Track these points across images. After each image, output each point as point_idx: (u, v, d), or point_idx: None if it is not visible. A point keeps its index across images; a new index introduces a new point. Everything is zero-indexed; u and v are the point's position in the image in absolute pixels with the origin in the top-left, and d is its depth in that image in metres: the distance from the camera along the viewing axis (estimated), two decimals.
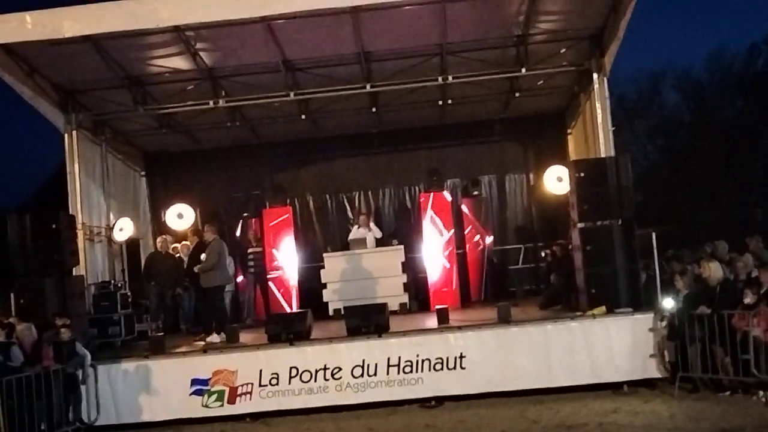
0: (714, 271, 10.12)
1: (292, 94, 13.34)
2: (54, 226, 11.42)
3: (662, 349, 10.29)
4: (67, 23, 10.86)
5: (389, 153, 16.89)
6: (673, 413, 9.16)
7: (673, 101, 37.19)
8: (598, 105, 12.91)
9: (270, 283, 14.91)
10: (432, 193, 15.01)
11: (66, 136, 13.25)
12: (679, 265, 11.54)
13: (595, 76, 12.88)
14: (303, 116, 14.70)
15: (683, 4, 66.97)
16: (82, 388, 10.27)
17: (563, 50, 13.06)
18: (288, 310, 14.24)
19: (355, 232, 15.07)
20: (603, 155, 12.57)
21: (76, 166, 13.20)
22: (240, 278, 15.28)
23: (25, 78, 12.19)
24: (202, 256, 12.07)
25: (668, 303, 10.46)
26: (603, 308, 10.74)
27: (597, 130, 12.96)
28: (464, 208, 15.66)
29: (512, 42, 12.95)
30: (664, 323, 10.30)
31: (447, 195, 15.18)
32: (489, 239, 15.52)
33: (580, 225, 11.34)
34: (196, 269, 12.15)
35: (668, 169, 34.42)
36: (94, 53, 12.00)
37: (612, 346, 10.45)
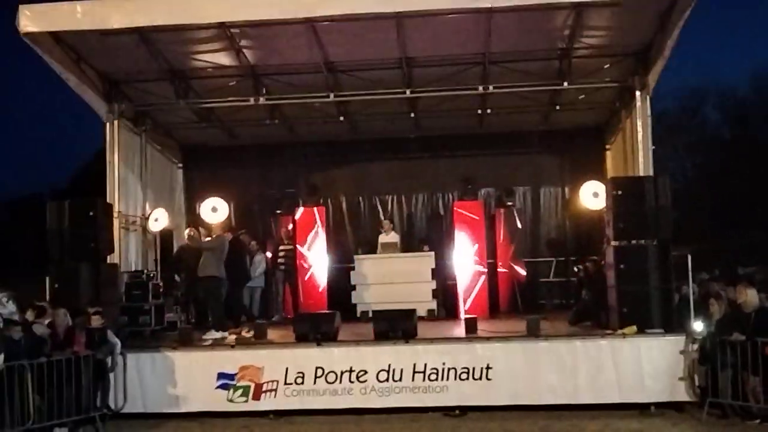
0: (750, 297, 9.95)
1: (331, 95, 13.42)
2: (91, 213, 11.61)
3: (692, 373, 10.15)
4: (116, 15, 11.05)
5: (425, 159, 16.89)
6: None
7: (714, 119, 36.76)
8: (639, 123, 12.76)
9: (299, 282, 14.97)
10: (465, 201, 14.95)
11: (108, 125, 13.41)
12: (716, 286, 11.38)
13: (637, 93, 12.75)
14: (341, 118, 14.79)
15: (729, 22, 65.93)
16: (111, 375, 10.42)
17: (607, 66, 12.98)
18: (316, 309, 14.26)
19: (383, 238, 15.11)
20: (641, 173, 12.44)
21: (116, 155, 13.36)
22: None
23: (72, 66, 12.37)
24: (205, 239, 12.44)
25: (698, 326, 10.32)
26: (634, 328, 10.62)
27: (637, 148, 12.82)
28: (497, 218, 15.59)
29: (556, 55, 12.91)
30: (695, 346, 10.16)
31: (480, 204, 15.12)
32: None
33: (614, 243, 11.23)
34: (194, 244, 12.50)
35: (705, 188, 33.97)
36: (140, 45, 12.15)
37: (641, 366, 10.34)
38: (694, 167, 36.50)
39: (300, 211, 15.39)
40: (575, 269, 14.66)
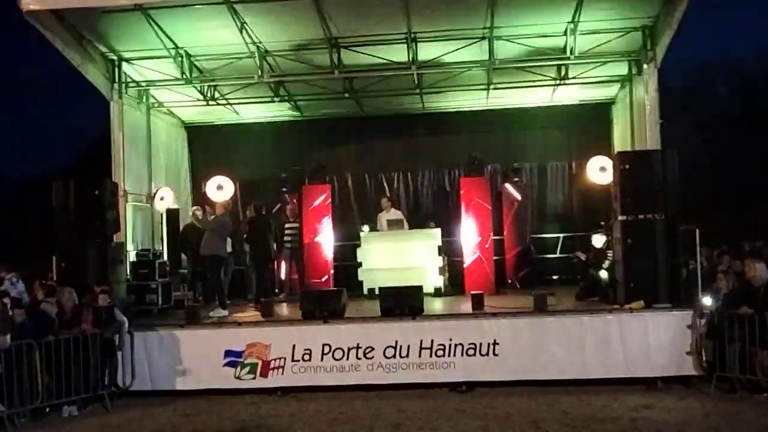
0: (759, 271, 9.89)
1: (336, 72, 13.34)
2: (97, 193, 11.60)
3: (700, 347, 10.13)
4: None
5: (431, 135, 16.84)
6: (708, 412, 9.03)
7: (722, 95, 36.43)
8: (646, 97, 12.69)
9: (305, 260, 14.97)
10: (471, 178, 14.91)
11: (112, 104, 13.39)
12: (727, 260, 11.34)
13: (645, 67, 12.67)
14: (346, 95, 14.70)
15: None
16: (119, 353, 10.46)
17: (614, 39, 12.84)
18: (323, 287, 14.27)
19: (382, 216, 15.09)
20: (649, 147, 12.38)
21: (121, 134, 13.34)
22: None
23: (75, 45, 12.35)
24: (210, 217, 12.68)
25: (707, 301, 10.31)
26: (641, 302, 10.61)
27: (644, 122, 12.76)
28: (503, 194, 15.53)
29: (562, 29, 12.76)
30: (703, 321, 10.14)
31: (487, 180, 15.06)
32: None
33: (621, 217, 11.17)
34: (197, 222, 12.83)
35: (713, 164, 33.75)
36: (143, 23, 12.09)
37: (648, 341, 10.32)
38: (703, 143, 36.22)
39: (305, 189, 15.31)
40: (574, 260, 14.56)
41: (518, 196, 15.14)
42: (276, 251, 14.15)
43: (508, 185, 15.26)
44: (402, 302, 11.00)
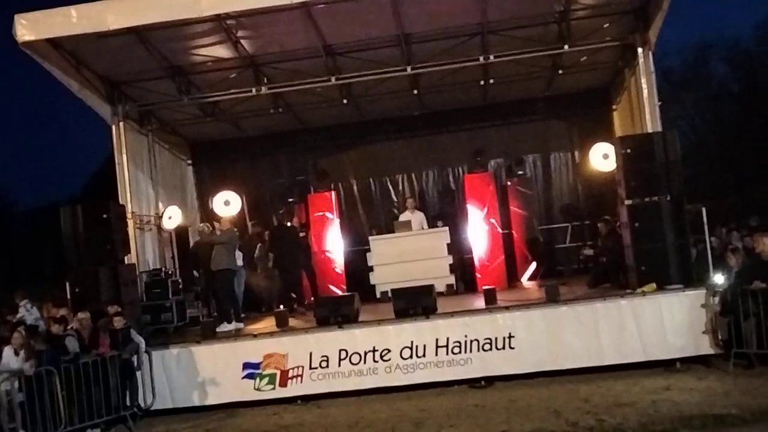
0: None
1: (333, 78, 13.36)
2: (105, 216, 11.67)
3: (715, 326, 10.13)
4: (111, 16, 11.02)
5: (432, 135, 16.84)
6: (728, 390, 9.04)
7: (721, 73, 36.35)
8: (643, 80, 12.64)
9: (316, 268, 15.00)
10: (476, 174, 14.91)
11: (113, 127, 13.42)
12: (736, 236, 11.35)
13: (639, 50, 12.63)
14: (345, 101, 14.72)
15: None
16: (138, 373, 10.52)
17: (606, 25, 12.82)
18: (336, 293, 14.31)
19: (404, 216, 15.15)
20: (650, 131, 12.35)
21: (124, 156, 13.37)
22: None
23: (73, 71, 12.38)
24: (218, 233, 12.67)
25: (719, 279, 10.31)
26: (653, 285, 10.62)
27: (643, 106, 12.70)
28: (509, 188, 15.54)
29: (554, 18, 12.76)
30: (716, 299, 10.13)
31: (491, 175, 15.07)
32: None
33: (627, 202, 11.20)
34: (205, 238, 12.91)
35: (717, 143, 33.67)
36: (138, 45, 12.14)
37: (663, 323, 10.35)
38: (704, 123, 36.13)
39: (312, 198, 15.37)
40: (581, 256, 14.61)
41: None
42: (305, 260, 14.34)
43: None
44: (415, 302, 11.06)
